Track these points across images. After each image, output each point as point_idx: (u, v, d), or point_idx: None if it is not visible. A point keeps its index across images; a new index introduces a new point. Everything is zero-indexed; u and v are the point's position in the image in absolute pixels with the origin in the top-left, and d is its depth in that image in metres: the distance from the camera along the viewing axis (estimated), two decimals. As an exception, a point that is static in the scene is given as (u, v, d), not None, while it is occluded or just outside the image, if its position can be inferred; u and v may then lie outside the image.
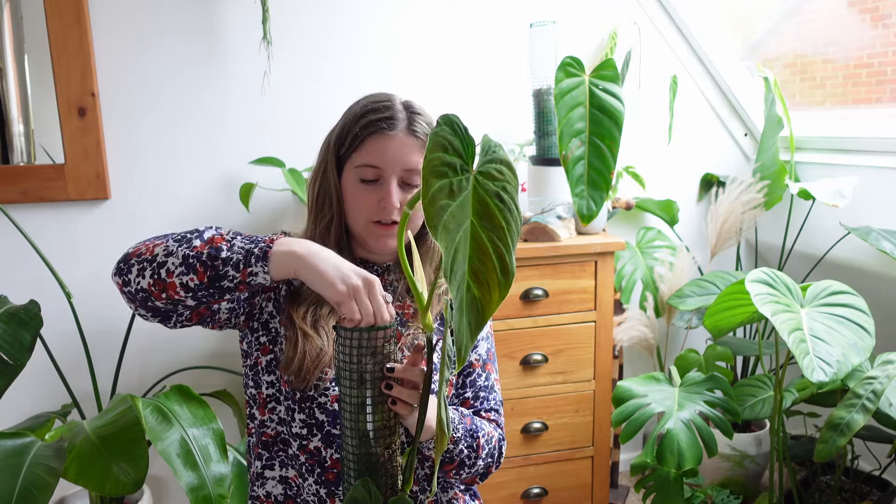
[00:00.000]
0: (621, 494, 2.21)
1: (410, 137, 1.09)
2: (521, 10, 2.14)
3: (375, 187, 1.09)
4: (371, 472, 0.90)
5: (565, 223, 1.91)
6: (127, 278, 0.96)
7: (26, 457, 1.25)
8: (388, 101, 1.12)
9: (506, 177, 0.78)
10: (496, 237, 0.75)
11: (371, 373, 0.89)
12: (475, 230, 0.75)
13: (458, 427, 1.05)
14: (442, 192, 0.74)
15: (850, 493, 1.89)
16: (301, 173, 1.93)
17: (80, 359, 1.82)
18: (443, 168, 0.74)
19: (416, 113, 1.11)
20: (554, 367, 1.90)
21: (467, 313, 0.73)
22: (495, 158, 0.78)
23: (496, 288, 0.75)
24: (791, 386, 1.82)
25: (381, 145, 1.08)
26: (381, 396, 0.90)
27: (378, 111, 1.10)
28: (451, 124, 0.77)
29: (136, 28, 1.90)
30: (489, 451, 1.10)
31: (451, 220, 0.73)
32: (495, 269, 0.75)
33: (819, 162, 2.20)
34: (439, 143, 0.75)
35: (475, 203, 0.75)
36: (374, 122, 1.09)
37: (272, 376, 1.08)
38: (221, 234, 0.97)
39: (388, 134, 1.08)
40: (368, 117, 1.09)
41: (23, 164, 1.89)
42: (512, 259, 0.76)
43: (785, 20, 2.37)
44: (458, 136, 0.76)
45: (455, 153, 0.76)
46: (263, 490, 1.12)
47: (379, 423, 0.90)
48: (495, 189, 0.77)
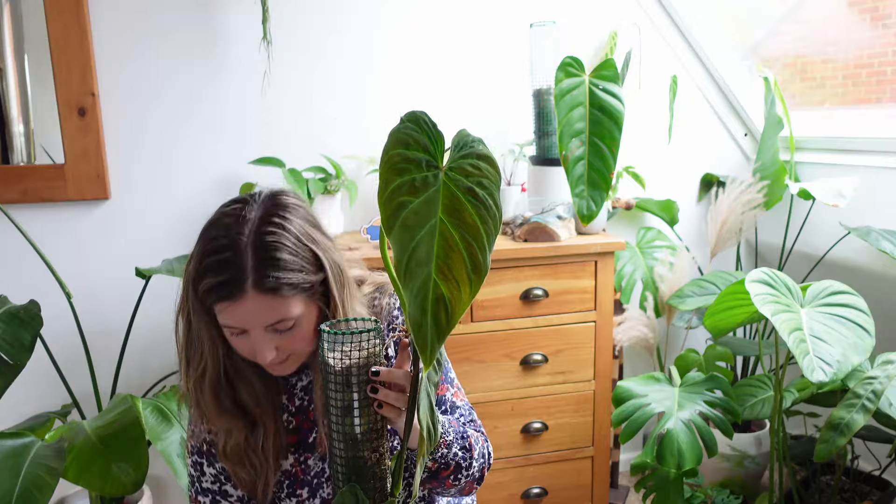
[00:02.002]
0: (621, 494, 2.21)
1: (262, 296, 0.91)
2: (521, 11, 2.14)
3: (246, 338, 0.96)
4: (359, 476, 0.89)
5: (565, 223, 1.91)
6: None
7: (26, 457, 1.25)
8: (229, 252, 0.91)
9: (483, 171, 0.75)
10: (468, 234, 0.73)
11: (357, 375, 0.88)
12: (444, 228, 0.73)
13: (449, 430, 1.04)
14: (401, 189, 0.72)
15: (850, 493, 1.89)
16: (301, 173, 1.93)
17: (80, 359, 1.82)
18: (404, 165, 0.73)
19: (270, 257, 0.92)
20: (554, 367, 1.90)
21: (433, 313, 0.72)
22: (472, 153, 0.76)
23: (466, 285, 0.73)
24: (791, 386, 1.82)
25: (232, 312, 0.92)
26: (368, 399, 0.89)
27: (216, 271, 0.91)
28: (415, 120, 0.75)
29: (136, 28, 1.90)
30: (480, 452, 1.09)
31: (411, 216, 0.72)
32: (465, 265, 0.73)
33: (819, 162, 2.20)
34: (400, 140, 0.73)
35: (445, 199, 0.74)
36: (213, 289, 0.91)
37: None
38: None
39: (236, 302, 0.91)
40: (207, 281, 0.91)
41: (23, 164, 1.89)
42: (486, 256, 0.74)
43: (785, 20, 2.37)
44: (423, 131, 0.75)
45: (420, 148, 0.74)
46: None
47: (366, 427, 0.89)
48: (468, 185, 0.74)
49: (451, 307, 0.73)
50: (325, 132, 2.06)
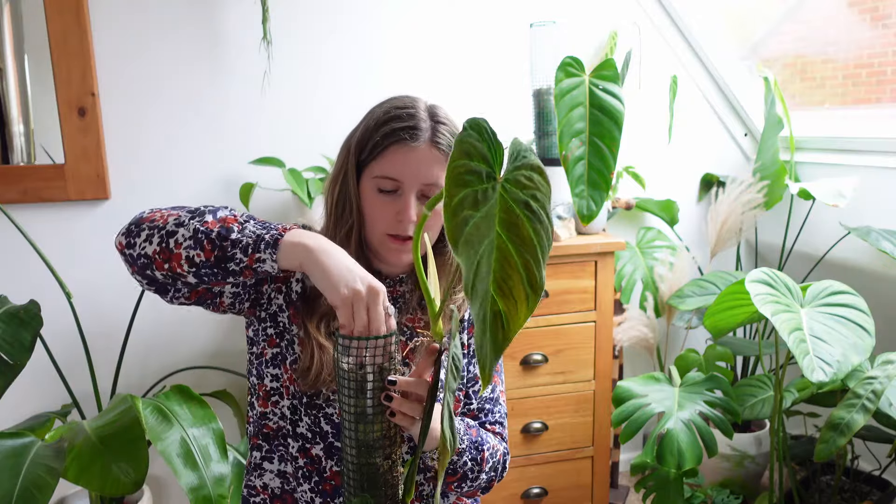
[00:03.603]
0: (621, 494, 2.21)
1: (433, 150, 1.04)
2: (521, 10, 2.14)
3: (393, 198, 1.04)
4: (371, 482, 0.88)
5: (565, 223, 1.91)
6: (133, 241, 0.94)
7: (26, 457, 1.25)
8: (413, 108, 1.06)
9: (536, 184, 0.72)
10: (524, 249, 0.71)
11: (372, 382, 0.86)
12: (501, 242, 0.70)
13: (464, 438, 1.03)
14: (465, 202, 0.69)
15: (850, 493, 1.89)
16: (301, 173, 1.93)
17: (80, 359, 1.82)
18: (467, 176, 0.69)
19: (441, 122, 1.06)
20: (554, 367, 1.90)
21: (491, 329, 0.69)
22: (525, 164, 0.73)
23: (523, 302, 0.70)
24: (791, 386, 1.82)
25: (402, 157, 1.03)
26: (382, 406, 0.87)
27: (401, 119, 1.04)
28: (478, 129, 0.71)
29: (136, 28, 1.90)
30: (493, 465, 1.08)
31: (473, 231, 0.69)
32: (522, 281, 0.70)
33: (819, 162, 2.20)
34: (464, 150, 0.70)
35: (501, 213, 0.70)
36: (396, 132, 1.03)
37: (277, 370, 1.07)
38: (235, 215, 0.95)
39: (410, 145, 1.03)
40: (391, 125, 1.04)
41: (23, 164, 1.89)
42: (542, 271, 0.71)
43: (785, 20, 2.37)
44: (485, 141, 0.71)
45: (481, 160, 0.71)
46: (261, 481, 1.11)
47: (378, 434, 0.87)
48: (524, 198, 0.71)
49: (507, 324, 0.70)
50: (325, 132, 2.06)
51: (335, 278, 0.87)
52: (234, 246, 0.90)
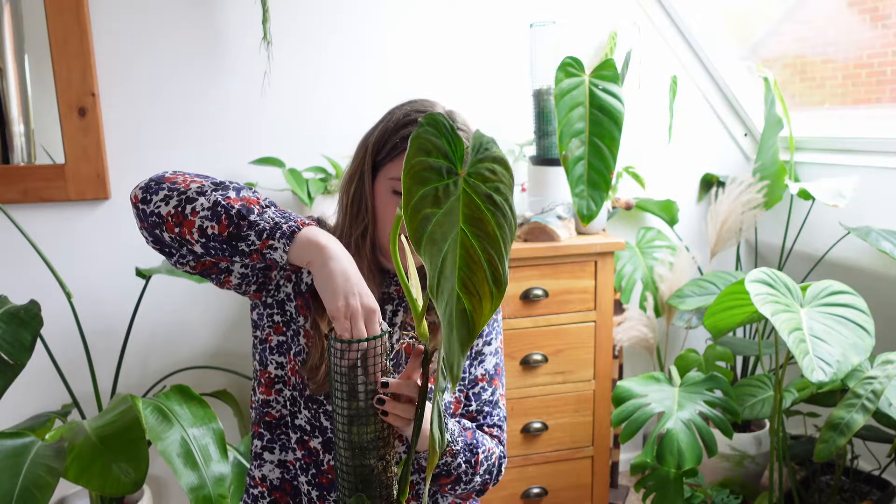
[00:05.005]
0: (621, 494, 2.21)
1: None
2: (521, 10, 2.14)
3: None
4: (365, 483, 0.88)
5: (565, 223, 1.91)
6: (150, 197, 0.95)
7: (26, 457, 1.25)
8: None
9: (499, 175, 0.72)
10: (488, 245, 0.70)
11: (364, 384, 0.86)
12: (465, 238, 0.69)
13: (458, 440, 1.03)
14: (425, 200, 0.68)
15: (849, 493, 1.89)
16: (301, 173, 1.93)
17: (80, 359, 1.82)
18: (426, 174, 0.69)
19: (459, 129, 1.06)
20: (554, 367, 1.90)
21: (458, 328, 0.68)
22: (487, 157, 0.72)
23: (487, 299, 0.70)
24: (791, 386, 1.83)
25: None
26: (374, 408, 0.87)
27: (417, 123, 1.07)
28: (435, 124, 0.70)
29: (136, 28, 1.91)
30: (487, 468, 1.08)
31: (437, 230, 0.68)
32: (487, 278, 0.70)
33: (819, 162, 2.20)
34: (421, 147, 0.69)
35: (465, 208, 0.70)
36: None
37: (282, 358, 1.07)
38: (258, 197, 0.95)
39: None
40: (410, 128, 1.05)
41: (23, 164, 1.89)
42: (505, 267, 0.70)
43: (785, 20, 2.37)
44: (443, 136, 0.70)
45: (440, 155, 0.70)
46: (259, 472, 1.11)
47: (372, 436, 0.87)
48: (486, 191, 0.71)
49: (472, 322, 0.70)
50: (325, 132, 2.06)
51: (337, 286, 0.87)
52: (251, 227, 0.91)
